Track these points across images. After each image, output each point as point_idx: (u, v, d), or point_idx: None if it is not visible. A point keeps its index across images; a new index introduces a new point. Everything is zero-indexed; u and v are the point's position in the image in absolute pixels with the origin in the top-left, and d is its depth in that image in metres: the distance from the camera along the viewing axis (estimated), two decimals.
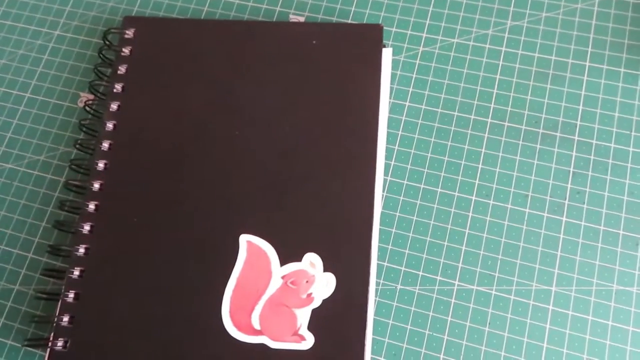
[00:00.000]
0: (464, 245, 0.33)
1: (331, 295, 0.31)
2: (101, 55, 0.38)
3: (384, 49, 0.36)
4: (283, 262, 0.32)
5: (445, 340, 0.32)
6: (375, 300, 0.33)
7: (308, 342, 0.30)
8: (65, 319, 0.32)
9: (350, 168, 0.34)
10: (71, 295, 0.32)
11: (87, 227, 0.33)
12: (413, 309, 0.32)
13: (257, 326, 0.31)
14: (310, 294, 0.31)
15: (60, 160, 0.38)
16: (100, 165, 0.35)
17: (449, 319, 0.32)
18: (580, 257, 0.32)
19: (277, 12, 0.40)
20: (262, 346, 0.30)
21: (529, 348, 0.31)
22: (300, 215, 0.33)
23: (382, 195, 0.35)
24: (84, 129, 0.37)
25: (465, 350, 0.31)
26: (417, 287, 0.33)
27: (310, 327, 0.31)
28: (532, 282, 0.32)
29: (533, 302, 0.32)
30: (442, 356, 0.31)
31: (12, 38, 0.42)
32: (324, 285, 0.31)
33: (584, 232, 0.33)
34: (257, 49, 0.37)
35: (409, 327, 0.32)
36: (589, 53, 0.37)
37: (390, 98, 0.37)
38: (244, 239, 0.32)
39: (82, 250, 0.33)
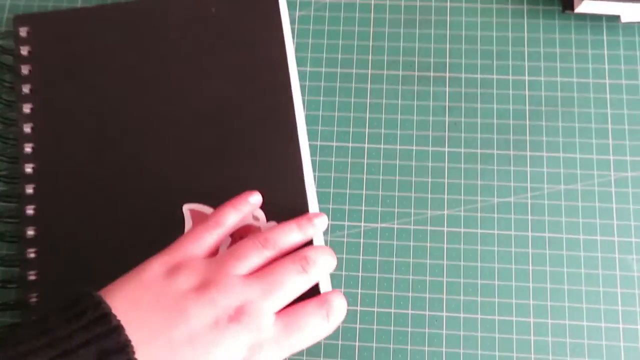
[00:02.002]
0: (364, 189, 0.37)
1: None
2: None
3: None
4: None
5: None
6: (327, 239, 0.35)
7: None
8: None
9: (271, 119, 0.36)
10: (33, 298, 0.34)
11: (30, 232, 0.34)
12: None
13: None
14: None
15: None
16: (29, 169, 0.35)
17: (360, 257, 0.36)
18: (464, 179, 0.37)
19: None
20: None
21: (431, 268, 0.35)
22: (234, 174, 0.35)
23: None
24: (2, 139, 0.37)
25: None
26: (329, 236, 0.36)
27: None
28: (427, 210, 0.36)
29: (430, 227, 0.36)
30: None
31: None
32: None
33: (465, 158, 0.37)
34: (158, 25, 0.38)
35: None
36: None
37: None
38: (187, 208, 0.34)
39: (32, 255, 0.34)
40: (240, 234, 0.34)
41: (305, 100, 0.38)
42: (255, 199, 0.33)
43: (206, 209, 0.34)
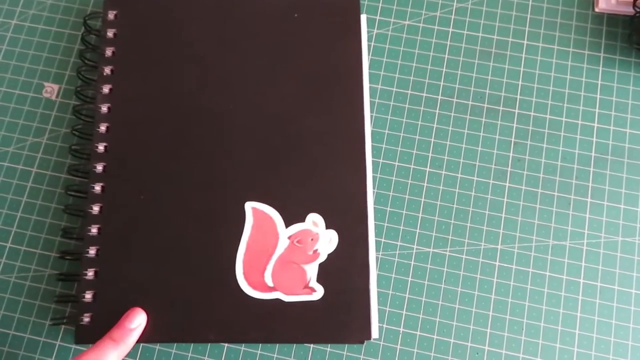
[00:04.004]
0: (421, 212, 0.37)
1: (335, 249, 0.34)
2: (84, 41, 0.39)
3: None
4: (288, 223, 0.35)
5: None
6: (378, 257, 0.36)
7: (318, 293, 0.34)
8: (89, 295, 0.34)
9: (341, 130, 0.36)
10: (90, 273, 0.34)
11: (96, 208, 0.35)
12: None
13: (270, 283, 0.34)
14: (316, 250, 0.34)
15: (30, 150, 0.39)
16: (101, 147, 0.36)
17: (409, 279, 0.36)
18: (522, 217, 0.37)
19: None
20: (277, 301, 0.34)
21: (479, 300, 0.35)
22: (299, 178, 0.35)
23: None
24: (77, 115, 0.38)
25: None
26: (380, 253, 0.36)
27: (319, 280, 0.34)
28: (481, 242, 0.36)
29: (482, 260, 0.36)
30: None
31: None
32: (327, 241, 0.34)
33: (525, 195, 0.37)
34: (241, 23, 0.39)
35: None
36: (526, 32, 0.40)
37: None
38: (249, 205, 0.35)
39: (94, 230, 0.35)
40: (299, 239, 0.34)
41: (373, 117, 0.39)
42: (135, 322, 0.33)
43: (268, 209, 0.35)
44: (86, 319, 0.33)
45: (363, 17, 0.40)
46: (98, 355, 0.30)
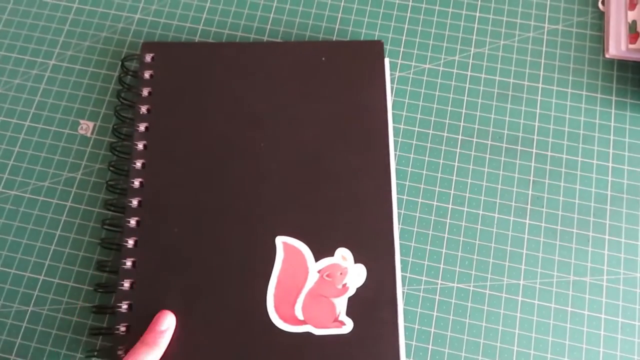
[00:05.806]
0: (444, 248, 0.38)
1: (363, 283, 0.35)
2: (121, 81, 0.41)
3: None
4: (317, 258, 0.36)
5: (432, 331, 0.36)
6: (404, 291, 0.37)
7: (348, 326, 0.35)
8: (122, 328, 0.35)
9: (367, 168, 0.38)
10: (125, 305, 0.35)
11: (131, 242, 0.36)
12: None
13: (300, 317, 0.35)
14: (345, 284, 0.35)
15: (65, 185, 0.40)
16: (136, 183, 0.38)
17: (435, 314, 0.36)
18: (542, 253, 0.38)
19: (280, 31, 0.44)
20: (308, 334, 0.34)
21: (503, 335, 0.36)
22: (328, 214, 0.37)
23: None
24: (114, 151, 0.39)
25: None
26: (406, 287, 0.37)
27: (349, 313, 0.35)
28: (504, 277, 0.37)
29: (505, 295, 0.37)
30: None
31: (6, 68, 0.43)
32: (356, 275, 0.35)
33: (545, 232, 0.38)
34: (271, 67, 0.41)
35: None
36: (541, 76, 0.42)
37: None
38: (280, 240, 0.36)
39: (129, 263, 0.36)
40: (328, 273, 0.35)
41: (396, 155, 0.40)
42: (165, 324, 0.34)
43: (298, 243, 0.36)
44: (120, 352, 0.34)
45: (386, 61, 0.42)
46: None
